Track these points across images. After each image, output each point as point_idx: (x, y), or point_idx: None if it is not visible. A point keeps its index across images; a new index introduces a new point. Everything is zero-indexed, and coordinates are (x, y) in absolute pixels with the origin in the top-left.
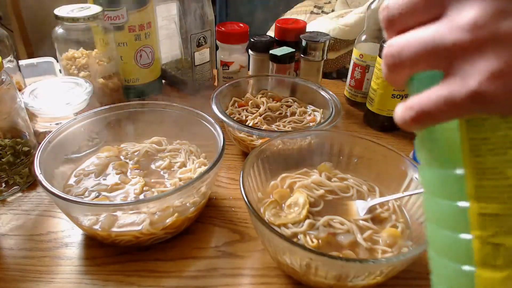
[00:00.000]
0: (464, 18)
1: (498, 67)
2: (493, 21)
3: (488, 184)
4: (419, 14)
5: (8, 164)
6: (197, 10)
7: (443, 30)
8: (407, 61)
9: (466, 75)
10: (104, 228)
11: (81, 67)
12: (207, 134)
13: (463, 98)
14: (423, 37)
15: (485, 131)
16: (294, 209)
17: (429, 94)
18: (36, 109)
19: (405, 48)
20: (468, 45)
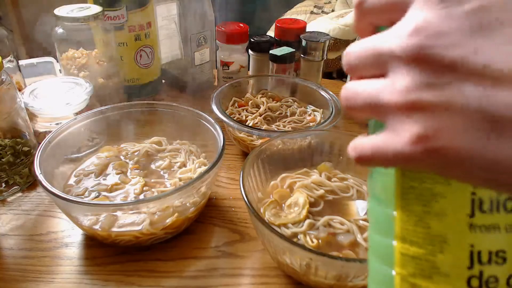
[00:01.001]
0: (400, 83)
1: (418, 132)
2: (419, 91)
3: (412, 229)
4: (369, 69)
5: (8, 164)
6: (197, 10)
7: (384, 89)
8: (357, 108)
9: (396, 132)
10: (104, 228)
11: (81, 67)
12: (207, 134)
13: (391, 154)
14: (369, 90)
15: (414, 181)
16: (294, 209)
17: (369, 140)
18: (36, 109)
19: (356, 97)
20: (399, 106)
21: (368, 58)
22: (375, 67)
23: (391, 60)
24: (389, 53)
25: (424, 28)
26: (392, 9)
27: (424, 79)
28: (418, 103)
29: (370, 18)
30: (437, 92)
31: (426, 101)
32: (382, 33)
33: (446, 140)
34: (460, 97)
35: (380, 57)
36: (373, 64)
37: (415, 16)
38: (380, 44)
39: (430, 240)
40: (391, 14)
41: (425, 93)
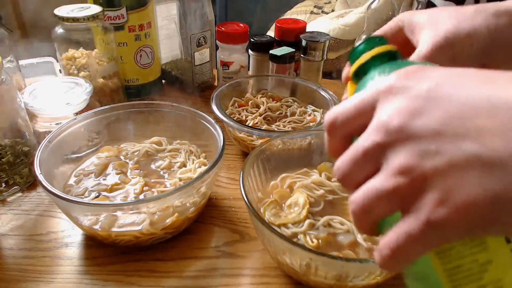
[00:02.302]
0: (398, 164)
1: (439, 197)
2: (419, 163)
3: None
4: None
5: (8, 164)
6: (197, 10)
7: (382, 179)
8: (373, 213)
9: (416, 210)
10: (104, 228)
11: (81, 67)
12: (207, 134)
13: (420, 230)
14: (370, 189)
15: (455, 260)
16: (294, 209)
17: (392, 233)
18: (36, 109)
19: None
20: (406, 187)
21: (358, 162)
22: (368, 166)
23: (380, 152)
24: (376, 147)
25: (397, 111)
26: (363, 113)
27: (418, 150)
28: (424, 174)
29: (344, 131)
30: (438, 156)
31: (430, 169)
32: (361, 137)
33: (465, 194)
34: (460, 154)
35: (369, 155)
36: (365, 165)
37: (386, 107)
38: (364, 144)
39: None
40: (362, 118)
41: (426, 162)
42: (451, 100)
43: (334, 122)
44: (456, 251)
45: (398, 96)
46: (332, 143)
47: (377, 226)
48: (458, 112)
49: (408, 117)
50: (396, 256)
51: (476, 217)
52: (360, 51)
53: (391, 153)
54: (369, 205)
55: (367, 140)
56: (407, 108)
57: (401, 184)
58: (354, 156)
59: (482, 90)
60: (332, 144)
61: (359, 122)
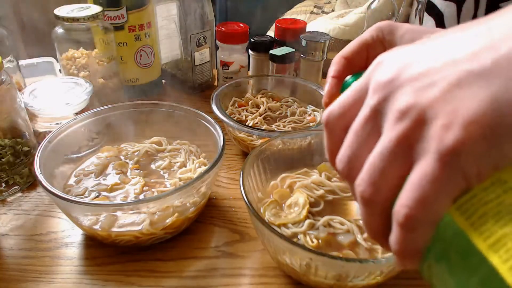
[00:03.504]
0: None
1: (443, 123)
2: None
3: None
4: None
5: (8, 164)
6: (197, 10)
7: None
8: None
9: (427, 149)
10: (104, 228)
11: (81, 67)
12: (207, 134)
13: (437, 167)
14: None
15: (481, 207)
16: (294, 209)
17: (407, 189)
18: (36, 109)
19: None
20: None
21: (361, 139)
22: (372, 138)
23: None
24: (373, 110)
25: (387, 71)
26: (359, 99)
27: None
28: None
29: (343, 123)
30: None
31: (429, 99)
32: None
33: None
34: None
35: (370, 122)
36: (368, 139)
37: (376, 74)
38: (361, 115)
39: None
40: (359, 104)
41: (424, 95)
42: (438, 46)
43: (331, 115)
44: (478, 198)
45: (387, 63)
46: (332, 138)
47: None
48: (445, 50)
49: (399, 70)
50: (419, 215)
51: (486, 130)
52: (351, 82)
53: (388, 105)
54: (379, 175)
55: (363, 110)
56: (396, 65)
57: (404, 128)
58: (355, 135)
59: (457, 34)
60: (331, 139)
61: (357, 109)
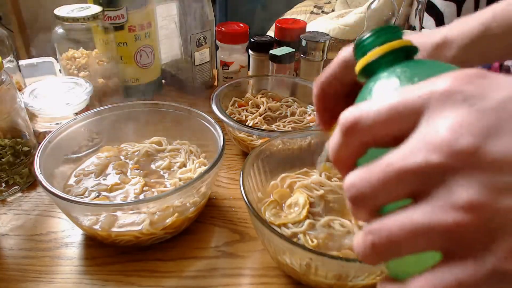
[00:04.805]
0: (463, 196)
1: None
2: (494, 200)
3: None
4: (393, 196)
5: (8, 164)
6: (197, 10)
7: (440, 211)
8: (403, 251)
9: (480, 257)
10: (104, 228)
11: (81, 67)
12: (207, 134)
13: (480, 279)
14: (413, 222)
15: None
16: (294, 209)
17: (437, 277)
18: (36, 109)
19: (396, 238)
20: (470, 226)
21: (391, 182)
22: (402, 190)
23: (432, 174)
24: (429, 169)
25: (465, 127)
26: (402, 119)
27: (496, 183)
28: (503, 214)
29: (367, 137)
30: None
31: (508, 207)
32: (397, 151)
33: None
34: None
35: (412, 176)
36: (399, 188)
37: (445, 118)
38: (405, 161)
39: None
40: (399, 126)
41: (504, 199)
42: None
43: (356, 123)
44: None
45: (461, 105)
46: (346, 150)
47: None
48: None
49: (481, 137)
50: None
51: None
52: (369, 44)
53: (454, 181)
54: (402, 239)
55: (413, 157)
56: (478, 124)
57: (466, 222)
58: (386, 173)
59: None
60: (345, 150)
61: (393, 129)
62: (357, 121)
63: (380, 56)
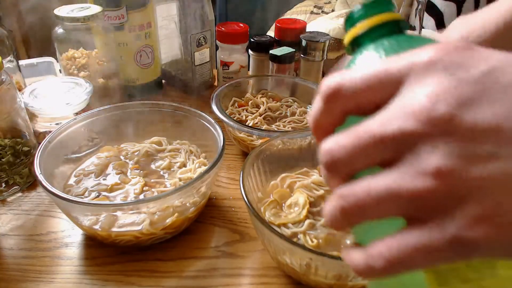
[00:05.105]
0: (433, 162)
1: (482, 213)
2: (464, 167)
3: None
4: (367, 161)
5: (8, 164)
6: (197, 10)
7: (410, 177)
8: (369, 215)
9: (444, 222)
10: (104, 228)
11: (81, 67)
12: (207, 134)
13: (442, 245)
14: (383, 186)
15: (456, 283)
16: (294, 209)
17: (396, 241)
18: (36, 109)
19: (362, 203)
20: (438, 193)
21: (368, 148)
22: (377, 156)
23: (408, 140)
24: (404, 136)
25: (443, 96)
26: (383, 87)
27: (466, 152)
28: (472, 182)
29: (348, 105)
30: (489, 164)
31: (480, 176)
32: (376, 118)
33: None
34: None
35: (389, 143)
36: (374, 154)
37: (424, 87)
38: (382, 128)
39: None
40: (380, 94)
41: (474, 168)
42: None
43: (338, 90)
44: (459, 272)
45: (442, 75)
46: (326, 117)
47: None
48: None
49: (458, 105)
50: (389, 267)
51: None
52: (359, 17)
53: (426, 148)
54: (369, 204)
55: (390, 124)
56: (456, 93)
57: (433, 188)
58: (362, 140)
59: None
60: (325, 117)
61: (374, 97)
62: (339, 88)
63: (368, 28)
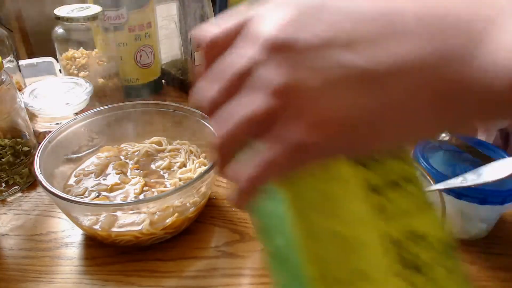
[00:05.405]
0: (265, 82)
1: (309, 117)
2: (291, 79)
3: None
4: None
5: (8, 164)
6: (197, 10)
7: (251, 99)
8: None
9: (285, 135)
10: (104, 228)
11: (81, 67)
12: (207, 134)
13: (287, 153)
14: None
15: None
16: None
17: (253, 162)
18: (36, 109)
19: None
20: (275, 106)
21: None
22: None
23: (253, 70)
24: (250, 64)
25: (276, 25)
26: (234, 33)
27: (294, 66)
28: (298, 91)
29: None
30: (314, 72)
31: (305, 84)
32: (230, 53)
33: (337, 112)
34: (338, 68)
35: (241, 73)
36: (234, 85)
37: (263, 19)
38: (235, 61)
39: (338, 243)
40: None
41: (302, 77)
42: (339, 12)
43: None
44: (308, 185)
45: (277, 7)
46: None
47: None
48: (346, 22)
49: (287, 29)
50: (251, 184)
51: (346, 137)
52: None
53: (263, 70)
54: (234, 132)
55: (238, 57)
56: (288, 20)
57: (273, 105)
58: (222, 75)
59: (375, 3)
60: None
61: (230, 41)
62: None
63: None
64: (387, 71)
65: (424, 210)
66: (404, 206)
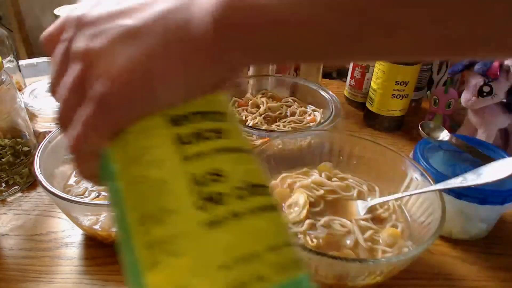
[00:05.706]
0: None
1: (99, 73)
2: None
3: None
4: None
5: (8, 164)
6: None
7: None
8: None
9: (89, 93)
10: (104, 228)
11: None
12: None
13: (91, 111)
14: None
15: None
16: (294, 209)
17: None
18: (36, 109)
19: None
20: (79, 72)
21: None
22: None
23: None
24: (64, 43)
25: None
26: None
27: (88, 35)
28: (92, 54)
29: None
30: (101, 36)
31: (96, 48)
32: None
33: (117, 65)
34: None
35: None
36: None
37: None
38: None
39: (151, 187)
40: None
41: (93, 43)
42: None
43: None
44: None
45: (88, 1)
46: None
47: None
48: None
49: (86, 10)
50: (77, 145)
51: (132, 86)
52: None
53: (72, 44)
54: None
55: (63, 41)
56: (89, 6)
57: (79, 70)
58: (54, 59)
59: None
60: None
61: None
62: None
63: None
64: (144, 25)
65: (231, 153)
66: (208, 150)
